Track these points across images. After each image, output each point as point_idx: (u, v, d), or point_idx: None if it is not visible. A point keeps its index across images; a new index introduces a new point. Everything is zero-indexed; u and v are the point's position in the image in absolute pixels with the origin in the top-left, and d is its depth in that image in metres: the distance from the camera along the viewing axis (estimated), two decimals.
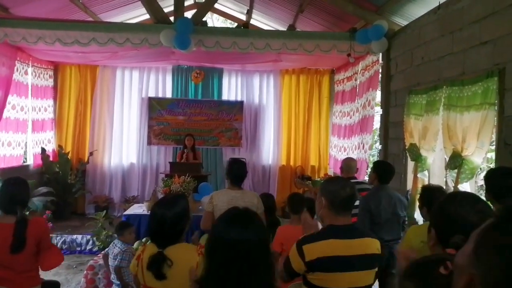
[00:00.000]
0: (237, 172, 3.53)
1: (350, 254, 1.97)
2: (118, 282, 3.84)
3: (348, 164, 4.41)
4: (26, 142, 7.46)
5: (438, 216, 1.42)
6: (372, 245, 2.06)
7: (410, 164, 4.89)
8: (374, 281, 2.12)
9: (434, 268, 0.97)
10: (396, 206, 3.67)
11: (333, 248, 1.96)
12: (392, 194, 3.75)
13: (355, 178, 4.41)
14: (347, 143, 7.22)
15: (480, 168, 3.66)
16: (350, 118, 7.11)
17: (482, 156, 3.41)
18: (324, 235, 2.01)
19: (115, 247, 3.95)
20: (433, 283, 0.94)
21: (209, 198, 3.46)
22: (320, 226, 2.35)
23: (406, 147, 4.80)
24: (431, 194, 2.70)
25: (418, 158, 4.49)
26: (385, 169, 3.82)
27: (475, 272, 0.66)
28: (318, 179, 7.79)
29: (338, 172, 4.60)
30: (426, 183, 4.41)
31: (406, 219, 3.88)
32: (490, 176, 2.52)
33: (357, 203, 4.07)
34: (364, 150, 6.31)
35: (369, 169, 6.88)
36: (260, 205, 3.42)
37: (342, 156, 7.32)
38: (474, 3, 3.66)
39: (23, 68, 7.07)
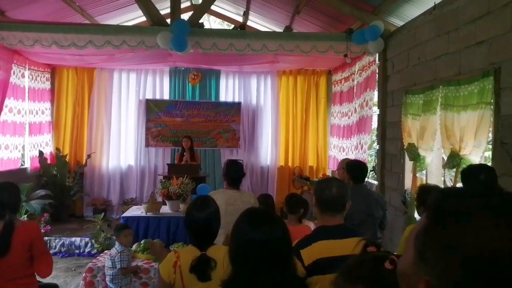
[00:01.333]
0: (234, 174, 3.53)
1: (343, 254, 1.95)
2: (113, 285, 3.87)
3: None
4: (23, 145, 7.44)
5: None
6: (364, 244, 2.07)
7: (408, 164, 4.90)
8: None
9: (378, 265, 0.93)
10: (371, 206, 3.54)
11: (326, 248, 1.96)
12: (367, 194, 3.64)
13: None
14: (346, 143, 7.23)
15: None
16: (349, 118, 7.13)
17: (479, 155, 3.42)
18: (316, 237, 2.02)
19: (113, 249, 3.99)
20: (383, 280, 0.91)
21: None
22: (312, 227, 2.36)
23: (405, 147, 4.82)
24: (427, 194, 2.72)
25: (416, 157, 4.51)
26: (357, 168, 3.71)
27: (428, 278, 0.62)
28: (316, 179, 7.81)
29: (338, 172, 4.57)
30: (424, 182, 4.43)
31: (385, 219, 3.76)
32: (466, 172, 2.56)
33: None
34: (363, 150, 6.33)
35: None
36: (256, 205, 3.43)
37: (341, 156, 7.33)
38: (469, 4, 3.68)
39: (20, 71, 7.07)
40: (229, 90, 8.77)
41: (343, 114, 7.51)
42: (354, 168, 3.72)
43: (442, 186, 4.57)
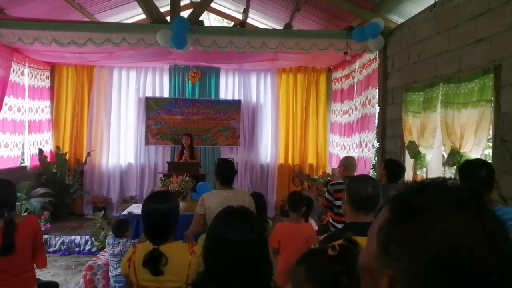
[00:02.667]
0: (227, 172, 3.45)
1: None
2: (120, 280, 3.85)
3: (350, 162, 4.40)
4: (23, 143, 7.44)
5: None
6: None
7: (408, 162, 4.90)
8: None
9: (323, 251, 1.00)
10: None
11: None
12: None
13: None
14: (347, 141, 7.21)
15: None
16: (349, 116, 7.11)
17: (479, 152, 3.42)
18: (345, 232, 2.02)
19: (118, 245, 3.93)
20: (323, 264, 0.97)
21: (200, 201, 3.34)
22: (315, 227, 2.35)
23: (405, 145, 4.82)
24: None
25: (417, 155, 4.51)
26: (395, 167, 3.76)
27: (392, 272, 0.61)
28: (316, 177, 7.80)
29: (339, 169, 4.56)
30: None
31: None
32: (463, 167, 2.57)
33: None
34: (367, 148, 6.31)
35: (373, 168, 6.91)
36: (252, 203, 3.37)
37: (343, 154, 7.33)
38: (470, 1, 3.68)
39: (19, 69, 7.06)
40: (229, 88, 8.75)
41: (344, 111, 7.49)
42: (393, 167, 3.77)
43: None
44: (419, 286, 0.58)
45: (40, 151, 7.53)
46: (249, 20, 8.32)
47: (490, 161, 3.44)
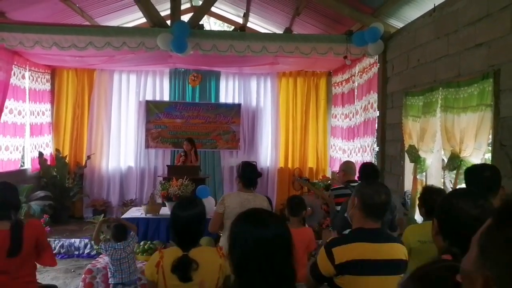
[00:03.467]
0: (250, 175, 3.49)
1: (379, 258, 1.96)
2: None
3: (349, 166, 4.40)
4: (23, 147, 7.44)
5: (441, 208, 1.51)
6: (400, 251, 2.06)
7: (408, 166, 4.90)
8: None
9: (448, 276, 0.92)
10: None
11: (362, 251, 1.95)
12: None
13: (355, 181, 4.37)
14: (348, 145, 7.20)
15: None
16: (350, 120, 7.10)
17: (480, 157, 3.43)
18: (353, 238, 2.01)
19: (126, 247, 3.89)
20: None
21: (221, 200, 3.42)
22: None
23: (405, 149, 4.82)
24: (430, 196, 2.72)
25: (417, 159, 4.51)
26: (369, 171, 3.75)
27: (488, 274, 0.65)
28: (316, 181, 7.80)
29: (338, 174, 4.56)
30: (424, 184, 4.43)
31: (394, 222, 3.79)
32: (469, 172, 2.58)
33: None
34: (370, 152, 6.31)
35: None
36: (269, 209, 3.41)
37: (345, 158, 7.34)
38: (469, 6, 3.69)
39: (20, 72, 7.07)
40: (229, 91, 8.77)
41: (345, 115, 7.48)
42: (367, 171, 3.75)
43: (441, 188, 4.57)
44: None
45: (40, 154, 7.53)
46: (249, 24, 8.34)
47: None
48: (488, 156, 3.63)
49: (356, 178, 4.44)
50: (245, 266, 1.47)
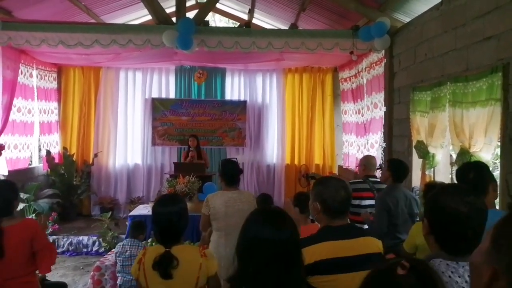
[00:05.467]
0: (232, 171, 3.44)
1: (349, 255, 1.92)
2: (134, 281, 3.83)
3: (370, 162, 4.34)
4: (31, 145, 7.48)
5: (429, 206, 1.49)
6: (372, 244, 2.01)
7: (416, 161, 4.87)
8: None
9: (393, 273, 0.93)
10: (411, 205, 3.62)
11: (330, 250, 1.91)
12: (407, 193, 3.70)
13: (374, 176, 4.30)
14: (361, 141, 7.12)
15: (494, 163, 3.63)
16: (362, 116, 7.01)
17: (491, 152, 3.38)
18: (321, 237, 1.96)
19: (133, 247, 3.91)
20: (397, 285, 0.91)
21: (205, 201, 3.38)
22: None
23: (414, 145, 4.78)
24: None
25: (425, 155, 4.47)
26: (400, 168, 3.71)
27: (497, 266, 0.67)
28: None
29: (358, 168, 4.49)
30: (433, 180, 4.40)
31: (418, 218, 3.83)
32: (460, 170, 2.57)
33: (369, 202, 4.03)
34: (375, 148, 6.25)
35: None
36: (254, 205, 3.39)
37: (358, 154, 7.29)
38: None
39: (28, 71, 7.11)
40: (234, 88, 8.76)
41: (357, 111, 7.33)
42: (397, 167, 3.71)
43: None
44: None
45: (48, 152, 7.58)
46: (254, 21, 8.33)
47: (498, 160, 3.41)
48: (497, 151, 3.59)
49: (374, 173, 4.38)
50: (243, 256, 1.51)
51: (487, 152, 3.38)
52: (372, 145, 6.45)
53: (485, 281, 0.67)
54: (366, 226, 3.76)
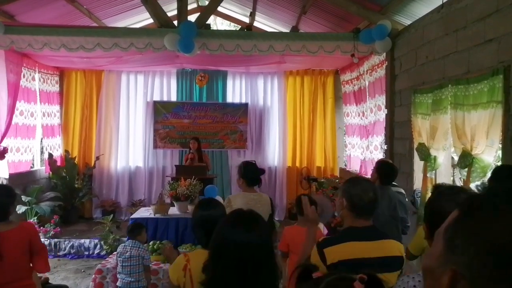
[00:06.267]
0: (253, 172, 3.52)
1: (371, 256, 1.93)
2: (133, 283, 3.84)
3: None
4: (33, 148, 7.50)
5: (426, 210, 1.50)
6: (394, 247, 2.04)
7: (418, 164, 4.86)
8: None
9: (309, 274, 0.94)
10: (396, 208, 3.56)
11: (354, 250, 1.93)
12: (393, 195, 3.63)
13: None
14: (365, 143, 7.09)
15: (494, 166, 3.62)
16: (367, 118, 6.98)
17: (493, 154, 3.38)
18: (345, 238, 1.99)
19: (133, 249, 3.91)
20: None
21: (227, 201, 3.45)
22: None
23: (415, 147, 4.78)
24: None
25: (427, 157, 4.46)
26: (388, 170, 3.70)
27: (455, 267, 0.64)
28: (324, 180, 7.78)
29: (372, 174, 4.30)
30: (434, 182, 4.39)
31: (408, 222, 3.77)
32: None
33: None
34: (383, 151, 6.23)
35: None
36: (269, 209, 3.46)
37: (358, 154, 7.26)
38: (478, 1, 3.65)
39: (30, 74, 7.14)
40: (236, 91, 8.77)
41: (361, 113, 7.27)
42: (385, 169, 3.69)
43: None
44: (485, 279, 0.61)
45: (50, 155, 7.60)
46: (255, 24, 8.34)
47: (499, 163, 3.41)
48: (498, 153, 3.59)
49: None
50: (213, 259, 1.52)
51: (489, 154, 3.38)
52: (376, 147, 6.44)
53: (446, 284, 0.64)
54: None
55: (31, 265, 2.83)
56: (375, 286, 0.86)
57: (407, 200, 4.04)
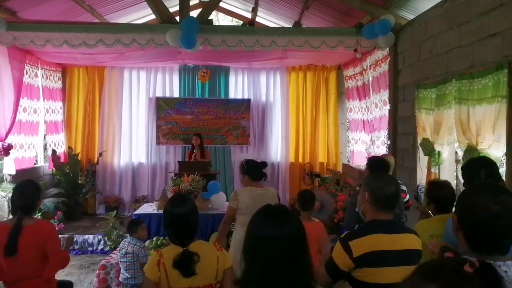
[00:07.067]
0: (254, 166, 3.62)
1: (395, 249, 1.97)
2: (129, 279, 3.86)
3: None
4: (36, 144, 7.52)
5: (460, 203, 1.49)
6: (415, 241, 2.06)
7: (421, 159, 4.85)
8: None
9: (458, 268, 0.94)
10: None
11: (379, 242, 1.96)
12: None
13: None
14: (370, 138, 7.06)
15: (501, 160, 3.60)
16: (371, 113, 6.94)
17: (500, 149, 3.34)
18: (369, 230, 2.01)
19: (129, 245, 3.93)
20: (461, 282, 0.92)
21: (234, 195, 3.51)
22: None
23: (419, 142, 4.76)
24: (439, 190, 2.70)
25: (431, 152, 4.45)
26: (378, 166, 3.70)
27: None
28: (327, 175, 7.77)
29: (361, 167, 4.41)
30: (438, 177, 4.37)
31: (403, 218, 3.75)
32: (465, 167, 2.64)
33: None
34: (387, 146, 6.21)
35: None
36: (277, 200, 3.61)
37: (362, 150, 7.22)
38: None
39: (33, 71, 7.15)
40: (238, 87, 8.76)
41: (365, 109, 7.24)
42: (376, 166, 3.67)
43: (454, 181, 4.51)
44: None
45: (53, 151, 7.62)
46: (258, 19, 8.32)
47: (504, 158, 3.39)
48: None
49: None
50: (248, 256, 1.51)
51: (497, 149, 3.35)
52: (383, 141, 6.40)
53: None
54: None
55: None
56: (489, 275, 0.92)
57: (408, 198, 4.02)
